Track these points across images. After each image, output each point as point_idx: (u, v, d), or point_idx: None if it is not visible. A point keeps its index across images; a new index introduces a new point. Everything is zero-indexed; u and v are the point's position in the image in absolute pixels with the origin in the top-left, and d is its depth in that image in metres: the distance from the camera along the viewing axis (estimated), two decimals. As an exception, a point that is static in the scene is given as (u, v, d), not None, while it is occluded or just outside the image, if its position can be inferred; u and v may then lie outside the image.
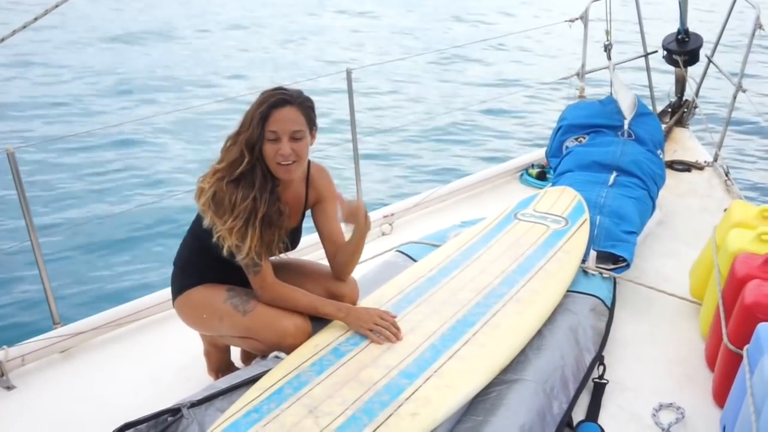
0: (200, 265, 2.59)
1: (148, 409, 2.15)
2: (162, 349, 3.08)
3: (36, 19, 2.43)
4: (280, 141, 2.36)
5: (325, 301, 2.56)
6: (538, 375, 2.48)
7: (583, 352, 2.75)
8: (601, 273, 3.29)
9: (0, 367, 2.87)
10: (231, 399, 2.23)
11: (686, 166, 5.02)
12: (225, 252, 2.40)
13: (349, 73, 4.12)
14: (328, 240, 2.72)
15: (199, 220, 2.53)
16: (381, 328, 2.47)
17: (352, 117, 4.28)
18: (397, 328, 2.50)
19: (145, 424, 2.08)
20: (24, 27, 2.42)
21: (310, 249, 3.49)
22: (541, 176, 4.87)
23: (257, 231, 2.38)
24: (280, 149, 2.35)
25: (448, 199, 4.63)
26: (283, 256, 2.69)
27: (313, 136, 2.49)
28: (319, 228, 2.72)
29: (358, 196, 4.38)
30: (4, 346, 2.93)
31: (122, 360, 3.04)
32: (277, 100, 2.36)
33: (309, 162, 2.60)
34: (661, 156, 4.34)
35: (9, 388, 2.86)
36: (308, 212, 2.72)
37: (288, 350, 2.45)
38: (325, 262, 2.78)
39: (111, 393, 2.81)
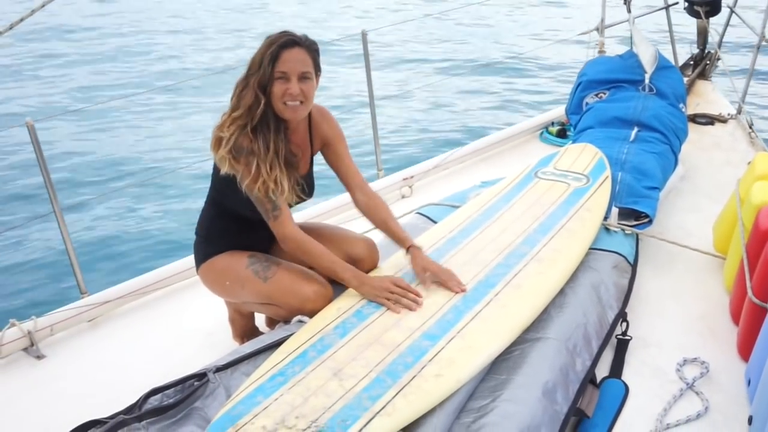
0: (222, 229, 2.61)
1: (175, 375, 2.18)
2: (187, 315, 3.12)
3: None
4: (290, 81, 2.37)
5: (345, 266, 2.53)
6: (561, 333, 2.48)
7: (606, 309, 2.75)
8: (623, 230, 3.27)
9: (29, 337, 2.92)
10: (256, 363, 2.26)
11: (709, 120, 4.95)
12: (249, 200, 2.43)
13: (364, 34, 4.09)
14: (345, 180, 2.74)
15: (216, 184, 2.55)
16: (398, 297, 2.45)
17: (368, 80, 4.26)
18: (416, 294, 2.48)
19: (172, 389, 2.12)
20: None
21: (330, 214, 3.51)
22: (562, 134, 4.83)
23: (285, 172, 2.40)
24: (289, 89, 2.36)
25: (468, 160, 4.61)
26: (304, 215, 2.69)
27: (317, 81, 2.50)
28: (334, 170, 2.74)
29: (377, 160, 4.37)
30: (33, 317, 2.98)
31: (149, 327, 3.09)
32: (286, 40, 2.37)
33: None
34: (683, 110, 4.27)
35: (39, 357, 2.91)
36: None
37: (309, 315, 2.47)
38: (346, 226, 2.79)
39: (138, 360, 2.85)
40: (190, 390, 2.12)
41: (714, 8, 5.28)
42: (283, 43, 2.36)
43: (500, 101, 9.34)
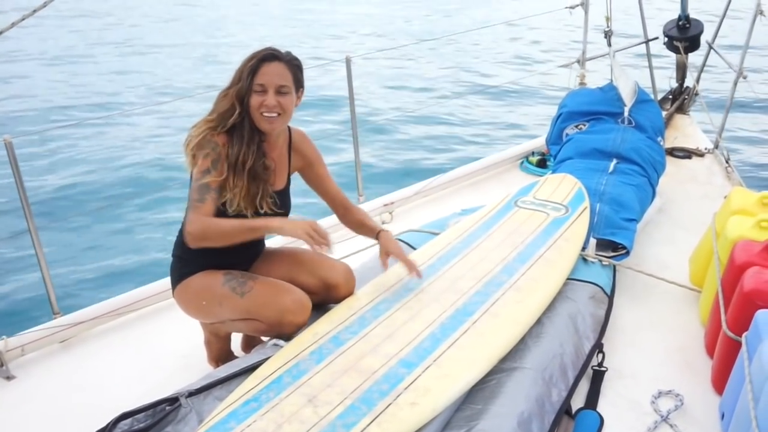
0: (198, 249, 2.59)
1: (147, 399, 2.15)
2: (162, 338, 3.08)
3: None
4: (267, 93, 2.44)
5: (256, 219, 2.48)
6: (537, 363, 2.48)
7: (583, 340, 2.75)
8: (600, 261, 3.29)
9: (-1, 357, 2.88)
10: (230, 388, 2.23)
11: (687, 153, 5.01)
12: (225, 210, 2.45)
13: (348, 60, 4.11)
14: (329, 199, 2.84)
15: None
16: (316, 236, 2.38)
17: (351, 105, 4.27)
18: (328, 243, 2.41)
19: (142, 414, 2.08)
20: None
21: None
22: (542, 164, 4.86)
23: (245, 183, 2.44)
24: (265, 100, 2.43)
25: (449, 187, 4.62)
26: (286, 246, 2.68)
27: (299, 97, 2.57)
28: (318, 192, 2.84)
29: (358, 185, 4.37)
30: (4, 336, 2.93)
31: (122, 349, 3.04)
32: (266, 54, 2.46)
33: (290, 128, 2.68)
34: (661, 143, 4.32)
35: (9, 378, 2.86)
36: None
37: (289, 328, 2.46)
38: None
39: (110, 382, 2.81)
40: (161, 414, 2.08)
41: (693, 44, 5.37)
42: (263, 57, 2.45)
43: (483, 130, 9.40)
